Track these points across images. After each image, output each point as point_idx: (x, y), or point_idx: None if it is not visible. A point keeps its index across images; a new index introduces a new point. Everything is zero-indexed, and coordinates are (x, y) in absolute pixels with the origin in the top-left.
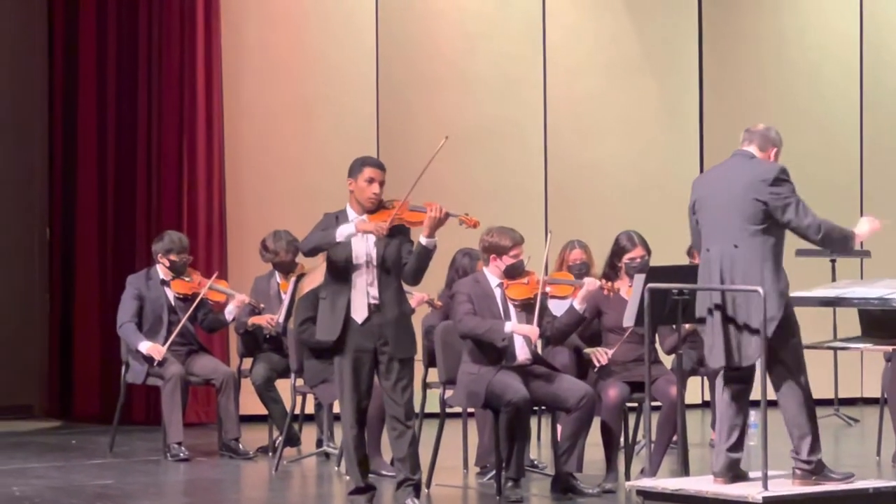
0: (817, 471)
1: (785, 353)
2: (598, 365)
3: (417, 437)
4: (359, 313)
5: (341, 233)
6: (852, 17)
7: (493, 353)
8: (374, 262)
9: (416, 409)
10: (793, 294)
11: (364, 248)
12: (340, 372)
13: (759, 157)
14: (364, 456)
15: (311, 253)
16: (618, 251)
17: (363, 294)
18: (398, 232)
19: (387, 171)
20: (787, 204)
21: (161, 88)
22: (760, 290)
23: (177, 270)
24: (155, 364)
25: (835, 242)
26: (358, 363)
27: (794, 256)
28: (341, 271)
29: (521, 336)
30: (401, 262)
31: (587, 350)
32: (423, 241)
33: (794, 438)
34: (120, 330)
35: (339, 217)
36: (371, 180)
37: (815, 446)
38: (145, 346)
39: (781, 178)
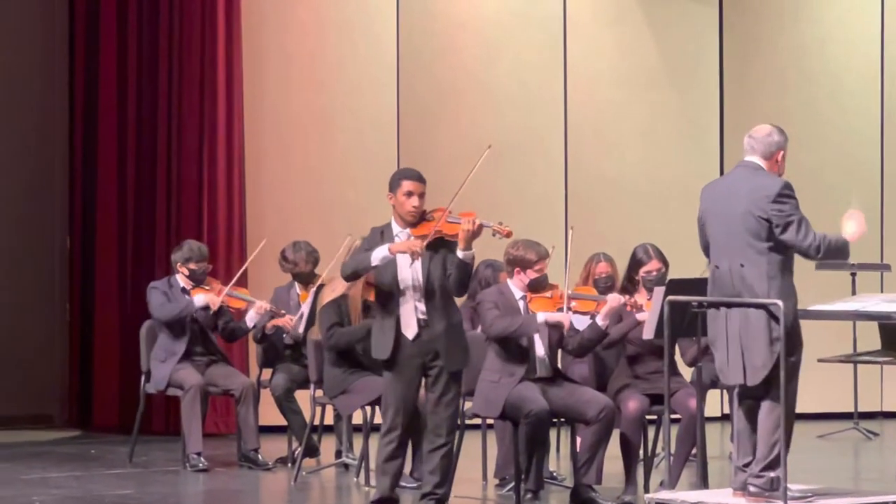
0: (773, 488)
1: (780, 370)
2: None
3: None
4: (409, 330)
5: (376, 256)
6: (874, 28)
7: (519, 354)
8: (421, 278)
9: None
10: (813, 307)
11: (409, 264)
12: (388, 386)
13: (765, 167)
14: (399, 470)
15: (350, 278)
16: (634, 264)
17: (412, 311)
18: (441, 245)
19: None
20: (788, 222)
21: (181, 98)
22: (780, 302)
23: (196, 279)
24: (210, 312)
25: (833, 257)
26: (407, 379)
27: (814, 270)
28: (389, 290)
29: (544, 349)
30: (446, 275)
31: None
32: (460, 254)
33: (757, 452)
34: (159, 312)
35: (385, 232)
36: (410, 193)
37: (775, 462)
38: (200, 299)
39: (784, 195)
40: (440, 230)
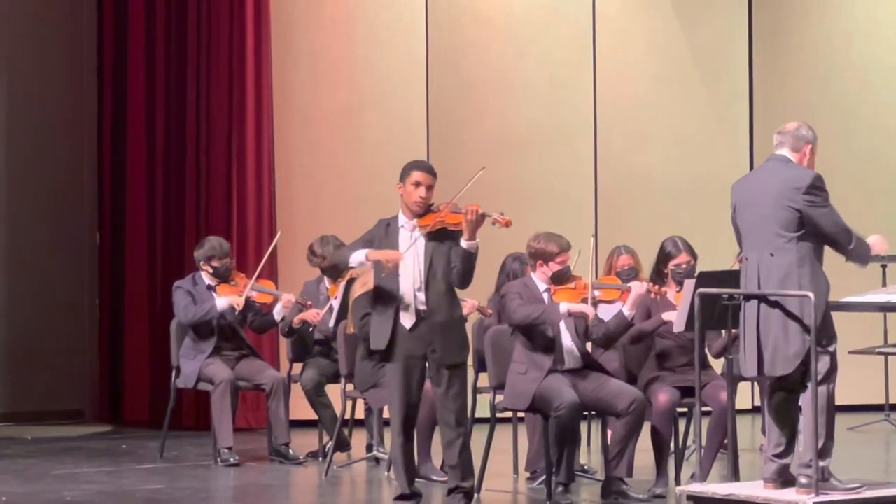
0: (823, 478)
1: (816, 361)
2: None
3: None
4: (407, 320)
5: (354, 259)
6: None
7: (545, 346)
8: (423, 268)
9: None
10: (844, 299)
11: (412, 254)
12: (391, 379)
13: (795, 159)
14: (411, 463)
15: (327, 271)
16: (663, 257)
17: (411, 300)
18: (446, 236)
19: (437, 177)
20: (821, 213)
21: (210, 94)
22: (811, 295)
23: (220, 276)
24: (236, 312)
25: (861, 255)
26: (408, 370)
27: (844, 262)
28: (389, 279)
29: (571, 339)
30: (450, 267)
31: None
32: (464, 244)
33: (803, 444)
34: (183, 316)
35: (391, 223)
36: (418, 184)
37: (824, 452)
38: (222, 303)
39: (816, 186)
40: (443, 220)
